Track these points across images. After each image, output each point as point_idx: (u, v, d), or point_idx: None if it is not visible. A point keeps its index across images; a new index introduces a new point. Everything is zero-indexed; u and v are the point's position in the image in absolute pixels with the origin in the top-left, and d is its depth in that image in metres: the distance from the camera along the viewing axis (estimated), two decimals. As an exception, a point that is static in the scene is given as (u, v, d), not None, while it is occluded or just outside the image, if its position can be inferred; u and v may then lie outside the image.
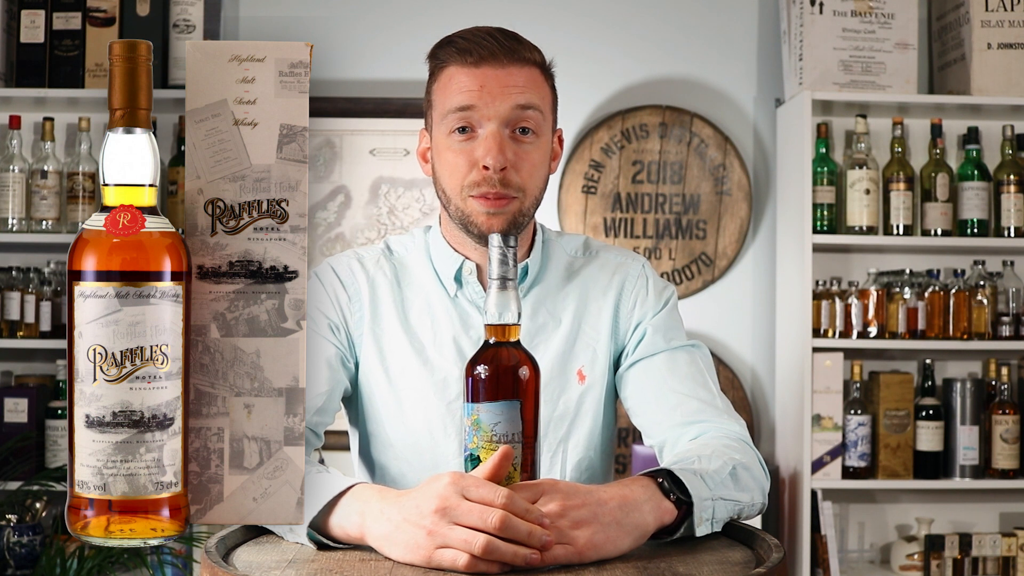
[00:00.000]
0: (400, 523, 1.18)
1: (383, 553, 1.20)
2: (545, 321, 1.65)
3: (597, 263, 1.71)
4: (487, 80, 1.56)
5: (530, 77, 1.58)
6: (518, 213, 1.59)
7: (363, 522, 1.22)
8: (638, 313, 1.66)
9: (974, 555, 3.37)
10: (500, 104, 1.55)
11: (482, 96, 1.55)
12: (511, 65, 1.57)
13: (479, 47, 1.56)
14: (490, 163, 1.54)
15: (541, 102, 1.59)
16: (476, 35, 1.58)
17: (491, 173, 1.55)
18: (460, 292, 1.65)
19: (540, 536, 1.14)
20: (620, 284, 1.69)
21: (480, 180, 1.56)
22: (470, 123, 1.56)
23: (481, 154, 1.55)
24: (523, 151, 1.57)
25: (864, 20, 3.34)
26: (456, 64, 1.58)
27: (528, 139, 1.58)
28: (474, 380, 1.21)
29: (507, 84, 1.56)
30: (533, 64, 1.60)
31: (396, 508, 1.19)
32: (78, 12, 3.25)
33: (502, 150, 1.55)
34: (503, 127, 1.56)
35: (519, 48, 1.58)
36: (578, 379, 1.63)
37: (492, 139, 1.55)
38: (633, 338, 1.66)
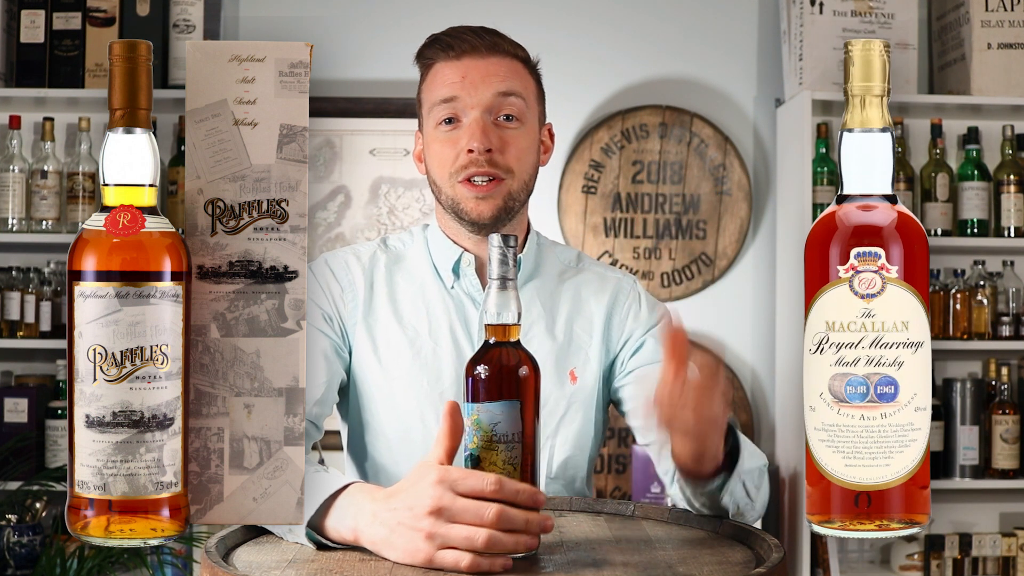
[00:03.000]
0: (395, 527, 1.18)
1: (382, 556, 1.20)
2: (539, 316, 1.67)
3: (588, 274, 1.75)
4: (469, 71, 1.61)
5: (511, 68, 1.63)
6: (507, 196, 1.61)
7: (356, 526, 1.23)
8: (631, 326, 1.69)
9: (974, 555, 3.37)
10: (482, 92, 1.60)
11: (464, 86, 1.60)
12: (492, 56, 1.62)
13: (461, 41, 1.62)
14: (475, 146, 1.58)
15: (523, 90, 1.64)
16: (459, 31, 1.64)
17: (476, 155, 1.58)
18: (457, 284, 1.67)
19: (538, 523, 1.15)
20: (613, 295, 1.71)
21: (467, 163, 1.60)
22: (455, 113, 1.61)
23: (466, 141, 1.59)
24: (508, 135, 1.62)
25: (864, 20, 3.34)
26: (441, 60, 1.64)
27: (512, 125, 1.62)
28: (474, 380, 1.21)
29: (488, 73, 1.61)
30: (515, 57, 1.65)
31: (389, 511, 1.19)
32: (78, 12, 3.24)
33: (485, 133, 1.59)
34: (486, 114, 1.60)
35: (500, 42, 1.64)
36: (570, 379, 1.65)
37: (475, 124, 1.59)
38: (627, 349, 1.68)
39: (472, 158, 1.59)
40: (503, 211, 1.61)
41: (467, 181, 1.60)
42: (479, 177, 1.59)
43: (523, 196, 1.65)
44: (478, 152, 1.58)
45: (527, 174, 1.64)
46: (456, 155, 1.60)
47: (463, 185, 1.60)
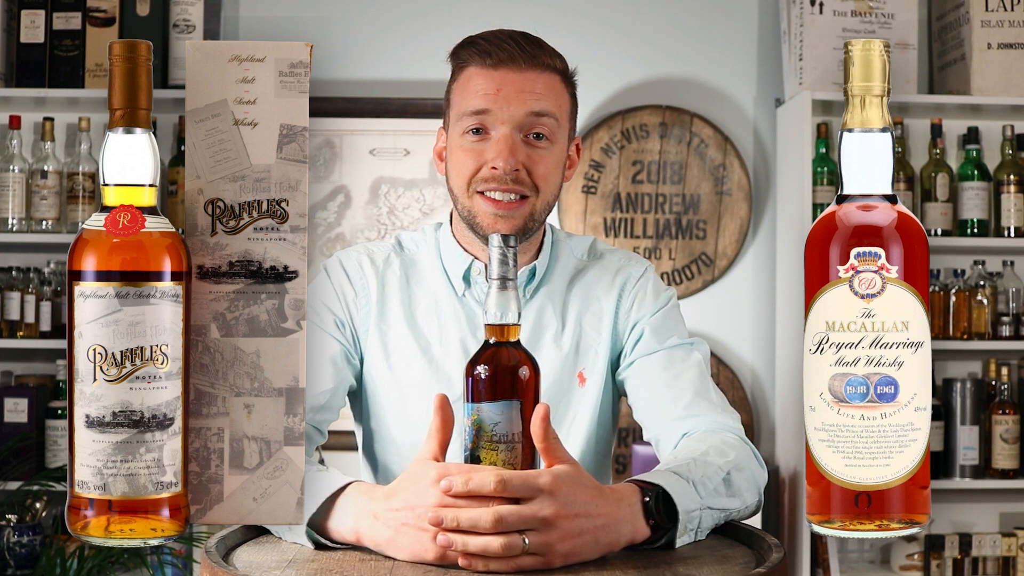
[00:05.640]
0: (400, 528, 1.18)
1: (387, 555, 1.21)
2: (550, 322, 1.65)
3: (600, 265, 1.71)
4: (504, 83, 1.55)
5: (548, 83, 1.58)
6: (528, 218, 1.58)
7: (357, 527, 1.23)
8: (635, 314, 1.66)
9: (974, 555, 3.37)
10: (515, 109, 1.55)
11: (498, 100, 1.55)
12: (530, 70, 1.56)
13: (499, 49, 1.56)
14: (500, 165, 1.54)
15: (557, 110, 1.59)
16: (498, 37, 1.58)
17: (501, 173, 1.54)
18: (468, 292, 1.65)
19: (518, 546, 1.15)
20: (621, 286, 1.69)
21: (489, 178, 1.55)
22: (484, 125, 1.56)
23: (492, 156, 1.55)
24: (536, 155, 1.57)
25: (864, 20, 3.34)
26: (476, 65, 1.58)
27: (541, 144, 1.57)
28: (474, 380, 1.21)
29: (524, 89, 1.55)
30: (553, 70, 1.59)
31: (390, 512, 1.20)
32: (78, 12, 3.24)
33: (513, 152, 1.54)
34: (516, 131, 1.56)
35: (540, 53, 1.58)
36: (579, 382, 1.64)
37: (504, 142, 1.54)
38: (631, 338, 1.66)
39: (496, 175, 1.55)
40: (522, 231, 1.58)
41: (484, 195, 1.56)
42: (501, 193, 1.55)
43: (544, 215, 1.61)
44: (504, 171, 1.54)
45: (551, 194, 1.61)
46: (479, 167, 1.56)
47: (481, 198, 1.56)
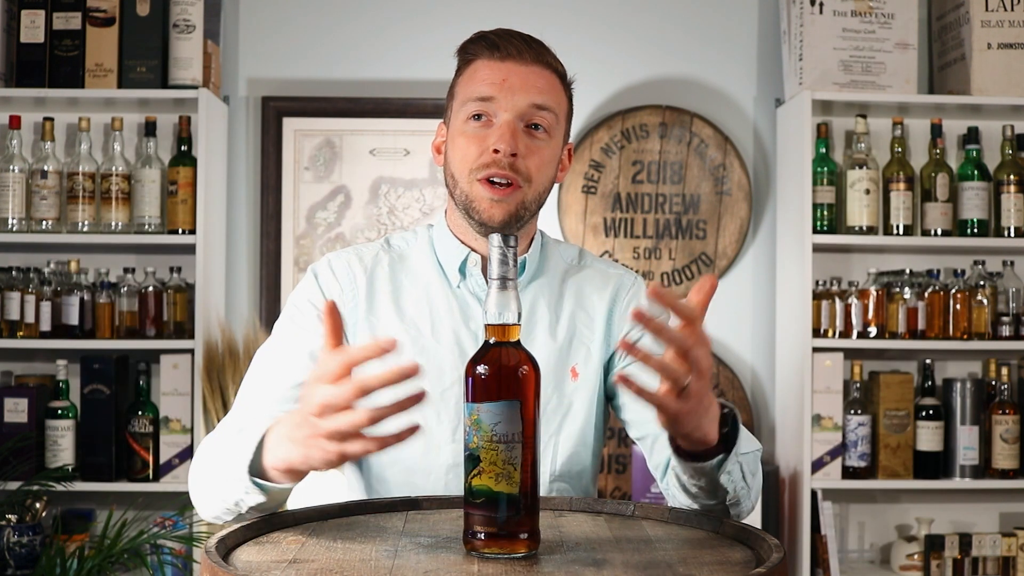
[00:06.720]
0: (306, 441, 1.28)
1: (310, 469, 1.32)
2: (542, 315, 1.68)
3: (592, 270, 1.77)
4: (510, 74, 1.63)
5: (550, 82, 1.66)
6: (520, 205, 1.63)
7: (279, 454, 1.33)
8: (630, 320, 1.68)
9: (974, 555, 3.37)
10: (519, 98, 1.62)
11: (503, 89, 1.62)
12: (535, 65, 1.65)
13: (508, 44, 1.64)
14: (501, 147, 1.60)
15: (557, 107, 1.66)
16: (507, 34, 1.66)
17: (501, 157, 1.60)
18: (463, 283, 1.68)
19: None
20: (615, 290, 1.73)
21: (489, 162, 1.61)
22: (487, 112, 1.63)
23: (494, 140, 1.61)
24: (534, 144, 1.64)
25: (864, 20, 3.34)
26: (484, 58, 1.65)
27: (540, 135, 1.64)
28: (474, 380, 1.21)
29: (528, 82, 1.63)
30: (554, 72, 1.67)
31: (295, 430, 1.29)
32: (78, 12, 3.24)
33: (514, 137, 1.61)
34: (518, 120, 1.63)
35: (544, 53, 1.67)
36: (572, 376, 1.67)
37: (506, 127, 1.61)
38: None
39: (496, 158, 1.61)
40: (514, 217, 1.63)
41: (486, 181, 1.62)
42: (498, 178, 1.61)
43: (535, 207, 1.67)
44: (503, 154, 1.60)
45: (543, 186, 1.67)
46: (480, 152, 1.62)
47: (481, 184, 1.62)
